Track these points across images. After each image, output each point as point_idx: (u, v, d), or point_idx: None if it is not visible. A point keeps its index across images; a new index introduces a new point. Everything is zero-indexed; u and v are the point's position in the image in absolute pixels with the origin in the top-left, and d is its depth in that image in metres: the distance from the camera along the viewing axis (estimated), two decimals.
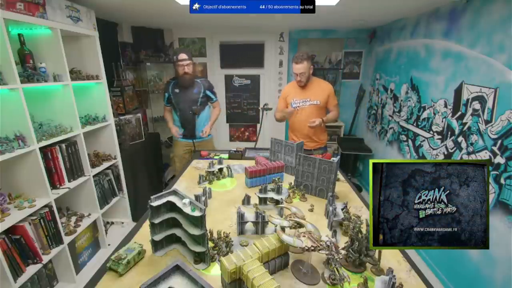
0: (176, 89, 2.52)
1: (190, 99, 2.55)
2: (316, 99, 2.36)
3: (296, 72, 2.28)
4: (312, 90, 2.39)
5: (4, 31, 1.45)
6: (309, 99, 2.38)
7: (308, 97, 2.38)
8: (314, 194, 1.56)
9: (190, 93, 2.54)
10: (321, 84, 2.42)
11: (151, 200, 1.02)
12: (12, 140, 1.59)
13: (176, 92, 2.52)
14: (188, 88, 2.52)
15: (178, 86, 2.51)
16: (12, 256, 1.56)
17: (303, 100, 2.40)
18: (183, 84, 2.48)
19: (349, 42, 3.93)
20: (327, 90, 2.38)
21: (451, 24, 2.12)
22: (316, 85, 2.41)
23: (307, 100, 2.38)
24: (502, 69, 1.63)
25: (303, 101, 2.40)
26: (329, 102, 2.41)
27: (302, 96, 2.41)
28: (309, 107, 2.38)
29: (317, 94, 2.37)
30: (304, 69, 2.24)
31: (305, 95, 2.39)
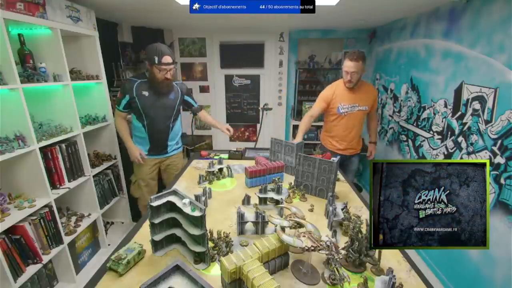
0: (144, 92, 1.96)
1: (164, 106, 2.06)
2: (365, 104, 2.20)
3: (347, 70, 2.06)
4: (361, 93, 2.19)
5: (4, 31, 1.45)
6: (358, 104, 2.18)
7: (357, 101, 2.18)
8: (314, 194, 1.56)
9: (165, 99, 2.05)
10: (369, 88, 2.25)
11: (151, 200, 1.02)
12: (12, 140, 1.59)
13: (144, 96, 1.96)
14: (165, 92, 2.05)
15: (148, 88, 1.97)
16: (12, 256, 1.56)
17: (352, 105, 2.18)
18: (160, 90, 1.99)
19: (349, 42, 3.93)
20: (374, 94, 2.24)
21: (451, 24, 2.12)
22: (364, 88, 2.22)
23: (356, 106, 2.18)
24: (502, 69, 1.63)
25: (352, 106, 2.18)
26: (373, 106, 2.28)
27: (351, 100, 2.18)
28: (357, 113, 2.20)
29: (365, 99, 2.20)
30: (358, 68, 2.03)
31: (354, 99, 2.18)
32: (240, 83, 4.27)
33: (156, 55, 1.84)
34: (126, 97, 1.97)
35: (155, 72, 1.89)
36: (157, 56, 1.85)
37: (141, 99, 1.97)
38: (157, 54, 1.84)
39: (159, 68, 1.87)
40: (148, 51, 1.87)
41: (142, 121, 2.04)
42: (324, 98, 2.28)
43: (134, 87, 1.95)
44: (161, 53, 1.85)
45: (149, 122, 2.05)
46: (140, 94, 1.96)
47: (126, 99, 1.98)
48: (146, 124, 2.05)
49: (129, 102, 1.98)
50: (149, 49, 1.86)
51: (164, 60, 1.86)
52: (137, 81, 1.97)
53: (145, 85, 1.97)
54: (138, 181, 2.19)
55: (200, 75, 4.21)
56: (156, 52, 1.84)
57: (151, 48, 1.86)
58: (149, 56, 1.86)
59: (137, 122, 2.07)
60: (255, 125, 4.46)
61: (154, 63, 1.86)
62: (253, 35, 3.95)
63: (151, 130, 2.07)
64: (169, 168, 2.26)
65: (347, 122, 2.23)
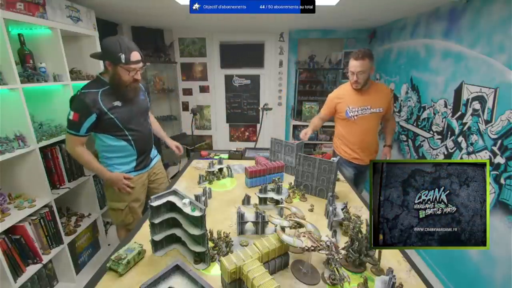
0: (115, 102, 1.52)
1: (141, 111, 1.68)
2: (378, 106, 2.00)
3: (353, 70, 1.90)
4: (372, 95, 2.00)
5: (4, 31, 1.45)
6: (369, 106, 1.99)
7: (369, 104, 1.99)
8: (314, 194, 1.56)
9: (138, 101, 1.66)
10: (381, 88, 2.06)
11: (151, 200, 1.02)
12: (12, 140, 1.59)
13: (118, 107, 1.53)
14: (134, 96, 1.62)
15: (118, 96, 1.53)
16: (12, 256, 1.56)
17: (362, 107, 2.00)
18: (128, 95, 1.56)
19: (349, 42, 3.93)
20: (388, 94, 2.03)
21: (451, 24, 2.12)
22: (376, 89, 2.03)
23: (367, 108, 1.99)
24: (502, 69, 1.63)
25: (363, 109, 2.00)
26: (389, 108, 2.08)
27: (360, 102, 2.01)
28: (369, 116, 2.01)
29: (378, 100, 2.00)
30: (364, 67, 1.86)
31: (364, 101, 2.00)
32: (240, 83, 4.27)
33: (121, 52, 1.41)
34: (92, 116, 1.45)
35: (121, 73, 1.46)
36: (123, 53, 1.42)
37: (116, 112, 1.51)
38: (123, 51, 1.41)
39: (126, 68, 1.45)
40: (107, 48, 1.44)
41: (125, 137, 1.59)
42: (329, 101, 2.14)
43: (100, 100, 1.46)
44: (127, 49, 1.43)
45: (135, 137, 1.62)
46: (112, 107, 1.50)
47: (91, 119, 1.46)
48: (133, 139, 1.61)
49: (97, 121, 1.48)
50: (109, 45, 1.43)
51: (133, 58, 1.45)
52: (97, 91, 1.48)
53: (111, 93, 1.51)
54: (131, 204, 1.71)
55: (200, 75, 4.21)
56: (121, 48, 1.41)
57: (111, 44, 1.43)
58: (110, 55, 1.43)
59: (116, 141, 1.58)
60: (255, 125, 4.47)
61: (120, 63, 1.42)
62: (253, 35, 3.95)
63: (139, 144, 1.66)
64: (158, 178, 1.91)
65: (360, 127, 2.03)
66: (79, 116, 1.44)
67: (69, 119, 1.46)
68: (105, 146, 1.59)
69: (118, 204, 1.69)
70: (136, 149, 1.65)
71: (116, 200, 1.69)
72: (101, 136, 1.56)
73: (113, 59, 1.44)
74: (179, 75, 4.19)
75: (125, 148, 1.62)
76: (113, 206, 1.71)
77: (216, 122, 4.48)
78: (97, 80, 1.55)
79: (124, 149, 1.62)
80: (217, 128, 4.52)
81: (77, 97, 1.46)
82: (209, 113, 4.42)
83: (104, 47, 1.46)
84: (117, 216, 1.73)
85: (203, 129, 4.51)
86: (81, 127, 1.47)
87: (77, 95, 1.47)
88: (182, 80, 4.24)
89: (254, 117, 4.44)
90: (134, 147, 1.64)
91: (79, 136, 1.49)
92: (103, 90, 1.49)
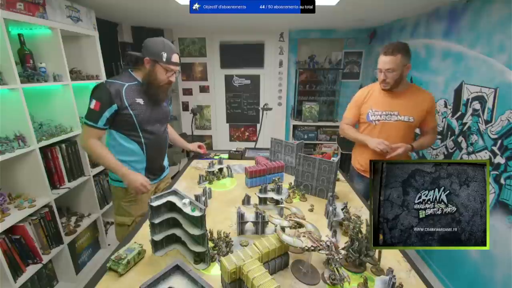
0: (138, 99, 1.45)
1: (161, 117, 1.60)
2: (408, 114, 1.64)
3: (380, 67, 1.62)
4: (404, 99, 1.65)
5: (4, 31, 1.45)
6: (397, 112, 1.65)
7: (397, 109, 1.66)
8: (314, 194, 1.56)
9: (161, 107, 1.59)
10: (421, 94, 1.66)
11: (151, 200, 1.02)
12: (12, 140, 1.59)
13: (139, 104, 1.45)
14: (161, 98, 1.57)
15: (142, 94, 1.48)
16: (12, 256, 1.56)
17: (387, 112, 1.68)
18: (158, 96, 1.52)
19: (349, 42, 3.94)
20: (426, 103, 1.64)
21: (451, 24, 2.12)
22: (413, 93, 1.66)
23: (394, 114, 1.66)
24: (502, 69, 1.63)
25: (387, 114, 1.67)
26: (426, 121, 1.68)
27: (386, 106, 1.68)
28: (395, 124, 1.66)
29: (411, 107, 1.64)
30: (394, 64, 1.56)
31: (392, 105, 1.67)
32: (240, 83, 4.27)
33: (164, 51, 1.41)
34: (113, 107, 1.38)
35: (158, 72, 1.44)
36: (166, 52, 1.42)
37: (136, 109, 1.44)
38: (166, 50, 1.42)
39: (166, 67, 1.44)
40: (151, 45, 1.42)
41: (138, 139, 1.49)
42: (354, 101, 1.84)
43: (124, 93, 1.40)
44: (170, 49, 1.44)
45: (148, 141, 1.52)
46: (134, 103, 1.43)
47: (111, 110, 1.38)
48: (145, 143, 1.51)
49: (115, 114, 1.40)
50: (154, 43, 1.43)
51: (173, 59, 1.45)
52: (124, 84, 1.42)
53: (137, 89, 1.46)
54: (137, 220, 1.55)
55: (200, 75, 4.21)
56: (164, 47, 1.42)
57: (157, 42, 1.43)
58: (153, 51, 1.42)
59: (128, 142, 1.48)
60: (255, 125, 4.47)
61: (161, 61, 1.42)
62: (253, 35, 3.95)
63: (151, 150, 1.55)
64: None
65: (381, 135, 1.68)
66: (101, 105, 1.36)
67: (90, 109, 1.38)
68: (116, 146, 1.48)
69: (125, 219, 1.57)
70: (146, 155, 1.54)
71: (122, 214, 1.57)
72: (114, 133, 1.47)
73: (154, 56, 1.42)
74: (179, 75, 4.19)
75: (134, 152, 1.50)
76: (119, 221, 1.60)
77: (216, 122, 4.48)
78: (125, 74, 1.50)
79: (132, 153, 1.50)
80: (217, 128, 4.52)
81: (101, 85, 1.39)
82: (209, 113, 4.42)
83: (147, 44, 1.44)
84: (122, 231, 1.60)
85: (203, 129, 4.51)
86: (101, 117, 1.38)
87: (101, 84, 1.40)
88: (182, 80, 4.24)
89: (254, 117, 4.44)
90: (144, 152, 1.52)
91: (97, 128, 1.40)
92: (129, 85, 1.44)
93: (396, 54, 1.55)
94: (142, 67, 1.47)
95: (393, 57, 1.55)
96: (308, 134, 4.01)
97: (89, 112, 1.39)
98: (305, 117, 3.93)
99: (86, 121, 1.40)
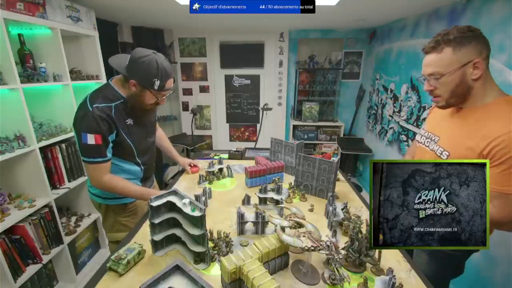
0: (127, 119, 1.29)
1: (150, 129, 1.48)
2: (444, 145, 1.07)
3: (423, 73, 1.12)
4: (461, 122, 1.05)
5: (4, 31, 1.45)
6: (438, 138, 1.13)
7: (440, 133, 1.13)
8: (314, 194, 1.56)
9: (147, 117, 1.43)
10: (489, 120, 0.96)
11: (151, 200, 1.02)
12: (12, 140, 1.59)
13: (130, 126, 1.31)
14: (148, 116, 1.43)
15: (129, 113, 1.30)
16: (12, 256, 1.56)
17: (429, 134, 1.19)
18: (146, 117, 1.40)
19: (349, 42, 3.94)
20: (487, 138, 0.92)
21: (451, 24, 2.12)
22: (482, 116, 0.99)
23: (434, 139, 1.15)
24: (502, 69, 1.63)
25: (428, 137, 1.18)
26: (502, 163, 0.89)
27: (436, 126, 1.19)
28: (430, 154, 1.14)
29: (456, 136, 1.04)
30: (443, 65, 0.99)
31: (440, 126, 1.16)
32: (240, 83, 4.27)
33: (157, 78, 1.19)
34: (113, 134, 1.24)
35: (146, 98, 1.25)
36: (160, 80, 1.20)
37: (129, 133, 1.30)
38: (160, 77, 1.20)
39: (156, 94, 1.24)
40: (143, 69, 1.18)
41: (135, 161, 1.38)
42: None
43: (113, 116, 1.22)
44: (165, 75, 1.22)
45: (144, 160, 1.42)
46: (124, 126, 1.28)
47: (112, 137, 1.24)
48: (143, 162, 1.42)
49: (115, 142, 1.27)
50: (146, 67, 1.17)
51: (167, 85, 1.25)
52: (110, 106, 1.22)
53: (123, 108, 1.27)
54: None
55: (200, 75, 4.21)
56: (157, 73, 1.19)
57: (150, 67, 1.17)
58: (143, 77, 1.19)
59: (128, 164, 1.37)
60: (255, 125, 4.47)
61: (151, 88, 1.21)
62: (253, 35, 3.95)
63: (147, 165, 1.46)
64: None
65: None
66: (102, 137, 1.18)
67: (88, 145, 1.17)
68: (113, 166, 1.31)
69: (119, 234, 1.42)
70: (143, 174, 1.46)
71: (120, 230, 1.43)
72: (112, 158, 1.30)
73: (144, 82, 1.20)
74: (179, 75, 4.19)
75: (134, 172, 1.41)
76: (112, 238, 1.47)
77: (216, 122, 4.48)
78: (107, 90, 1.26)
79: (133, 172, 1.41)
80: (217, 128, 4.52)
81: (91, 115, 1.16)
82: (209, 113, 4.42)
83: (137, 65, 1.18)
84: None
85: (203, 129, 4.51)
86: (106, 149, 1.22)
87: (88, 113, 1.16)
88: (182, 80, 4.24)
89: (254, 117, 4.44)
90: (142, 171, 1.44)
91: (106, 161, 1.24)
92: (115, 105, 1.24)
93: (443, 49, 0.98)
94: (126, 84, 1.24)
95: (438, 55, 1.00)
96: (308, 134, 4.01)
97: (89, 149, 1.18)
98: (305, 117, 3.93)
99: (91, 159, 1.20)
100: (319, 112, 3.93)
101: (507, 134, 0.87)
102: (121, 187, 1.29)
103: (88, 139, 1.17)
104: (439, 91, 1.04)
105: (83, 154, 1.21)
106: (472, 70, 0.96)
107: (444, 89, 1.02)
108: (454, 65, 0.97)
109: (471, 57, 0.94)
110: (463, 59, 0.95)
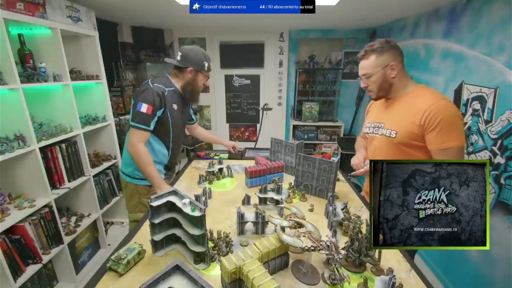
0: (174, 104, 1.58)
1: (186, 119, 1.82)
2: (391, 127, 1.31)
3: (359, 75, 1.36)
4: (394, 107, 1.34)
5: (4, 31, 1.45)
6: (383, 124, 1.37)
7: (383, 120, 1.37)
8: (314, 194, 1.56)
9: (186, 111, 1.77)
10: (417, 100, 1.24)
11: (151, 200, 1.02)
12: (12, 140, 1.59)
13: (173, 109, 1.59)
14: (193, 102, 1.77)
15: (177, 100, 1.61)
16: (12, 256, 1.56)
17: (375, 124, 1.43)
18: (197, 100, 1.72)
19: (349, 42, 3.94)
20: (420, 112, 1.19)
21: (451, 24, 2.12)
22: (409, 100, 1.28)
23: (380, 126, 1.38)
24: (502, 69, 1.63)
25: (375, 126, 1.42)
26: (429, 139, 1.19)
27: (376, 117, 1.45)
28: (379, 139, 1.37)
29: (397, 118, 1.30)
30: (369, 68, 1.29)
31: (381, 115, 1.41)
32: (240, 83, 4.27)
33: (206, 60, 1.57)
34: (161, 110, 1.50)
35: (199, 80, 1.60)
36: (207, 61, 1.58)
37: (172, 114, 1.57)
38: (207, 59, 1.58)
39: (206, 75, 1.62)
40: (194, 56, 1.54)
41: (167, 142, 1.62)
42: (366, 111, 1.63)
43: (166, 98, 1.51)
44: (208, 58, 1.60)
45: (174, 144, 1.66)
46: (171, 108, 1.56)
47: (159, 113, 1.50)
48: (172, 147, 1.66)
49: (161, 118, 1.52)
50: (196, 54, 1.54)
51: (211, 66, 1.63)
52: (165, 89, 1.52)
53: (174, 95, 1.58)
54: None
55: None
56: (205, 57, 1.57)
57: (199, 53, 1.55)
58: (196, 62, 1.54)
59: (159, 144, 1.60)
60: (255, 125, 4.47)
61: (203, 70, 1.58)
62: (253, 35, 3.95)
63: (174, 151, 1.70)
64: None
65: (370, 151, 1.49)
66: (153, 108, 1.44)
67: (140, 112, 1.42)
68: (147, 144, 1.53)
69: (140, 215, 1.59)
70: (170, 156, 1.68)
71: (142, 210, 1.62)
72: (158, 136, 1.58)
73: (198, 66, 1.56)
74: None
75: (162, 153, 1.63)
76: (133, 218, 1.67)
77: (216, 122, 4.48)
78: (165, 79, 1.60)
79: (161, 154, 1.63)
80: (217, 128, 4.52)
81: (150, 89, 1.46)
82: (209, 113, 4.42)
83: (190, 55, 1.54)
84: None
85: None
86: (153, 120, 1.47)
87: (149, 88, 1.46)
88: None
89: (254, 117, 4.44)
90: (169, 153, 1.67)
91: (149, 131, 1.48)
92: (168, 90, 1.54)
93: (369, 56, 1.28)
94: (181, 75, 1.59)
95: (366, 61, 1.30)
96: (308, 134, 4.01)
97: (140, 115, 1.42)
98: (305, 117, 3.93)
99: (137, 125, 1.43)
100: (319, 112, 3.93)
101: (433, 105, 1.17)
102: (147, 160, 1.47)
103: (142, 107, 1.42)
104: (370, 87, 1.34)
105: (133, 120, 1.44)
106: (391, 71, 1.28)
107: (373, 86, 1.32)
108: (378, 68, 1.28)
109: (389, 61, 1.26)
110: (383, 63, 1.27)
